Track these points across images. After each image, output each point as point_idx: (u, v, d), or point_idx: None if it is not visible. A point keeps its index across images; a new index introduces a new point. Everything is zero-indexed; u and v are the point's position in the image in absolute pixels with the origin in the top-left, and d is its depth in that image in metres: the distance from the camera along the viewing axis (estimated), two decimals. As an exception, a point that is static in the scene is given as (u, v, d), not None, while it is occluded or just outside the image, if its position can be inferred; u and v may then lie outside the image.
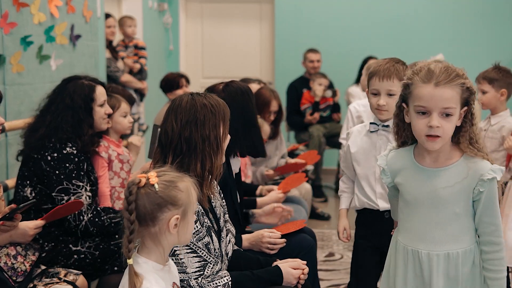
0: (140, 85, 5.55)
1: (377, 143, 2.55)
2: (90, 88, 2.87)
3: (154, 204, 1.62)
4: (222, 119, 2.18)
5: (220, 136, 2.17)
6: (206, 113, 2.14)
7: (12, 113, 3.20)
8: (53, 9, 3.73)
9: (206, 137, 2.12)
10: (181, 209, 1.65)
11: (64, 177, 2.69)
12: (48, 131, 2.74)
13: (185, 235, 1.71)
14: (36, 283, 2.43)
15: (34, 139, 2.75)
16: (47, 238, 2.68)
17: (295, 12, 7.20)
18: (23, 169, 2.76)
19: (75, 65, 4.06)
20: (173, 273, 1.77)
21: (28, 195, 2.71)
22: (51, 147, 2.72)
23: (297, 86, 6.23)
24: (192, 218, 1.72)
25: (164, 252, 1.70)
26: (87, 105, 2.84)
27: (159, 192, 1.63)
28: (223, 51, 7.56)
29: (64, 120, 2.77)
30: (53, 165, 2.68)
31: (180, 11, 7.47)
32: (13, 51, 3.31)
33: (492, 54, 6.91)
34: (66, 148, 2.73)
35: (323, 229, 5.02)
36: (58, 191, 2.68)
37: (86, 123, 2.83)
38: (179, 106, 2.15)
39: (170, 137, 2.13)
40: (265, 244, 2.61)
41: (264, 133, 3.98)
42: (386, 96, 2.48)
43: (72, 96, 2.81)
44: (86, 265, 2.68)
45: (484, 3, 6.96)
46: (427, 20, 7.02)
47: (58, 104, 2.81)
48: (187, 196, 1.66)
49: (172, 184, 1.65)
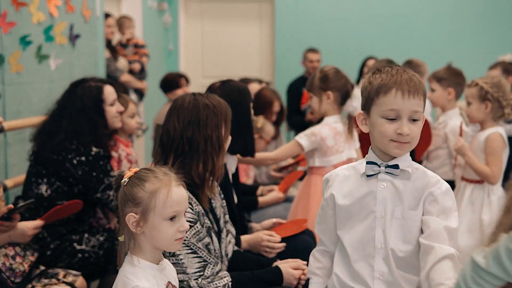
0: (140, 84, 5.54)
1: (378, 193, 1.74)
2: (98, 89, 2.91)
3: (121, 197, 1.68)
4: (224, 120, 2.18)
5: (222, 137, 2.17)
6: (209, 113, 2.13)
7: (11, 113, 3.19)
8: (52, 9, 3.72)
9: (208, 138, 2.12)
10: (139, 208, 1.65)
11: (103, 175, 2.75)
12: (69, 136, 2.78)
13: (158, 240, 1.66)
14: (34, 284, 2.42)
15: (53, 143, 2.78)
16: (53, 236, 2.70)
17: (295, 11, 7.19)
18: (38, 168, 2.78)
19: (74, 65, 4.05)
20: (169, 273, 1.76)
21: (43, 192, 2.74)
22: (74, 149, 2.75)
23: (297, 86, 6.22)
24: (163, 224, 1.65)
25: (149, 251, 1.69)
26: (98, 106, 2.88)
27: (124, 187, 1.67)
28: (223, 51, 7.55)
29: (81, 124, 2.81)
30: (86, 170, 2.73)
31: (180, 11, 7.47)
32: (12, 50, 3.30)
33: (492, 54, 6.91)
34: (92, 150, 2.78)
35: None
36: (103, 190, 2.74)
37: (101, 125, 2.87)
38: (181, 106, 2.15)
39: (172, 137, 2.12)
40: (263, 247, 2.59)
41: (267, 133, 3.97)
42: (409, 121, 1.70)
43: (82, 100, 2.85)
44: (89, 264, 2.69)
45: (484, 3, 6.95)
46: (427, 20, 7.02)
47: (70, 108, 2.84)
48: (149, 197, 1.64)
49: (138, 182, 1.66)
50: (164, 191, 1.66)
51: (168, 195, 1.66)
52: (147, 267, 1.67)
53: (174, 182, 1.69)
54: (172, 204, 1.66)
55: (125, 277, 1.64)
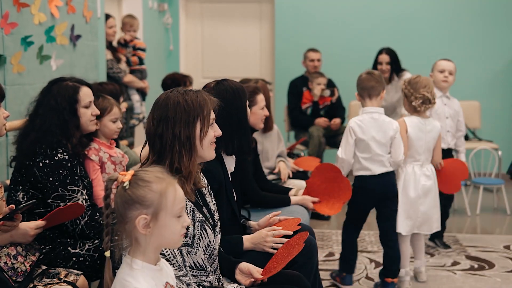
0: (142, 84, 5.57)
1: None
2: (74, 89, 2.83)
3: (123, 202, 1.65)
4: (199, 117, 2.14)
5: (194, 134, 2.14)
6: (178, 110, 2.11)
7: (12, 113, 3.20)
8: (54, 10, 3.73)
9: (177, 136, 2.10)
10: (150, 209, 1.65)
11: (58, 184, 2.68)
12: (38, 135, 2.72)
13: (166, 238, 1.69)
14: (36, 283, 2.43)
15: (25, 144, 2.74)
16: (42, 241, 2.68)
17: (295, 12, 7.20)
18: (16, 175, 2.76)
19: (75, 65, 4.06)
20: (166, 273, 1.77)
21: (20, 200, 2.70)
22: (42, 153, 2.70)
23: (298, 85, 6.23)
24: (173, 221, 1.68)
25: (151, 252, 1.69)
26: (71, 106, 2.81)
27: (127, 191, 1.65)
28: (223, 51, 7.56)
29: (51, 122, 2.75)
30: (46, 172, 2.68)
31: (180, 11, 7.48)
32: (14, 51, 3.32)
33: (491, 54, 6.92)
34: (58, 155, 2.71)
35: (323, 229, 5.02)
36: (54, 198, 2.68)
37: (72, 124, 2.80)
38: (156, 103, 2.16)
39: (148, 134, 2.15)
40: (269, 244, 2.57)
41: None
42: None
43: (56, 98, 2.78)
44: (86, 267, 2.68)
45: (483, 3, 6.96)
46: (427, 20, 7.03)
47: (44, 107, 2.78)
48: (158, 198, 1.65)
49: (143, 184, 1.65)
50: (171, 189, 1.68)
51: (176, 193, 1.68)
52: (146, 269, 1.68)
53: (173, 179, 1.71)
54: (180, 201, 1.69)
55: (123, 279, 1.64)
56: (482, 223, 5.34)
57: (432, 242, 4.59)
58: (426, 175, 3.71)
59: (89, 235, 2.72)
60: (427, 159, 3.74)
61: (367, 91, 3.56)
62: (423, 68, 7.08)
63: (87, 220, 2.70)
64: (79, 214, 2.64)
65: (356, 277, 3.94)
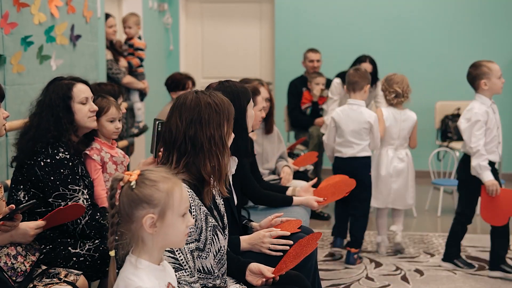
0: (141, 85, 5.55)
1: None
2: (67, 86, 2.83)
3: (130, 201, 1.66)
4: (227, 118, 2.17)
5: (225, 135, 2.16)
6: (211, 112, 2.12)
7: (12, 113, 3.20)
8: (53, 9, 3.73)
9: (211, 137, 2.11)
10: (157, 208, 1.65)
11: (59, 183, 2.68)
12: (35, 133, 2.73)
13: (171, 237, 1.70)
14: (36, 283, 2.43)
15: (24, 143, 2.74)
16: (43, 241, 2.67)
17: (295, 12, 7.20)
18: (17, 174, 2.76)
19: (75, 65, 4.06)
20: (169, 273, 1.77)
21: (21, 199, 2.70)
22: (43, 152, 2.70)
23: (297, 85, 6.23)
24: (178, 220, 1.69)
25: (155, 252, 1.70)
26: (65, 103, 2.80)
27: (135, 190, 1.65)
28: (223, 51, 7.56)
29: (46, 120, 2.75)
30: (47, 171, 2.68)
31: (180, 11, 7.48)
32: (14, 51, 3.32)
33: (491, 54, 6.92)
34: (59, 154, 2.71)
35: (323, 229, 5.02)
36: (55, 197, 2.68)
37: (65, 120, 2.78)
38: (184, 104, 2.13)
39: (174, 136, 2.11)
40: (266, 245, 2.57)
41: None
42: None
43: (51, 96, 2.80)
44: (86, 267, 2.68)
45: (483, 3, 6.96)
46: (426, 20, 7.03)
47: (41, 105, 2.80)
48: (165, 197, 1.66)
49: (151, 183, 1.66)
50: (177, 189, 1.69)
51: (181, 192, 1.70)
52: (150, 268, 1.68)
53: (179, 180, 1.72)
54: (185, 200, 1.71)
55: (127, 278, 1.65)
56: (482, 223, 5.34)
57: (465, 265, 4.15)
58: (399, 158, 4.30)
59: (90, 234, 2.73)
60: (402, 145, 4.33)
61: (352, 86, 4.15)
62: (423, 68, 7.10)
63: (88, 219, 2.71)
64: (79, 215, 2.64)
65: (356, 277, 3.96)
